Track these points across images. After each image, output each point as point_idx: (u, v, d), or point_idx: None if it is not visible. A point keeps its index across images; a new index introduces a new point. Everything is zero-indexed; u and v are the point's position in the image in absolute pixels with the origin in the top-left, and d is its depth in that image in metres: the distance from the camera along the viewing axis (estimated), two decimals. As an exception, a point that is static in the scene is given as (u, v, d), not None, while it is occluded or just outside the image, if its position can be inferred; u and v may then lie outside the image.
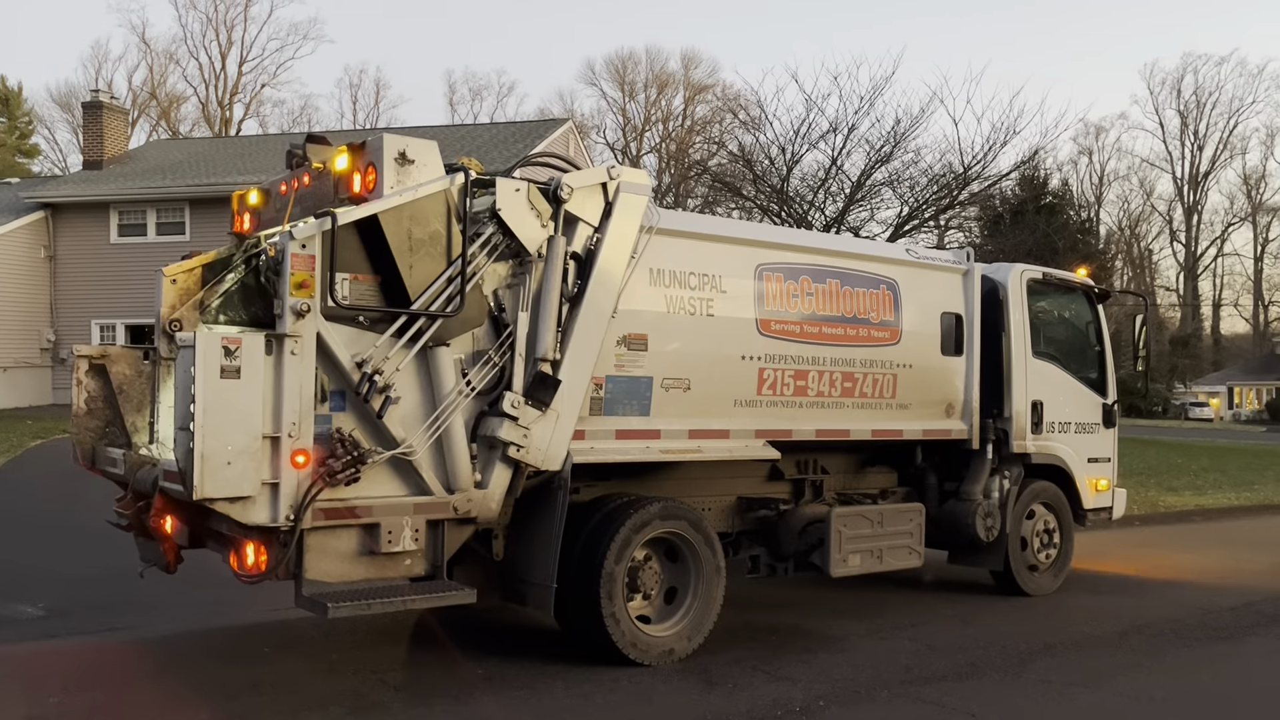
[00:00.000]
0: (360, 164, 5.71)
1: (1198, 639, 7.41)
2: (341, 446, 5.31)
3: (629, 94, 69.53)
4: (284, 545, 5.20)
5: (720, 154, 31.90)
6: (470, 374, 5.79)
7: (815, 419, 7.43)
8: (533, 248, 6.02)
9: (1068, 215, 38.34)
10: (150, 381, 6.73)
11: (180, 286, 6.61)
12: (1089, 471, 9.37)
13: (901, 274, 7.96)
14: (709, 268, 6.81)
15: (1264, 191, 78.29)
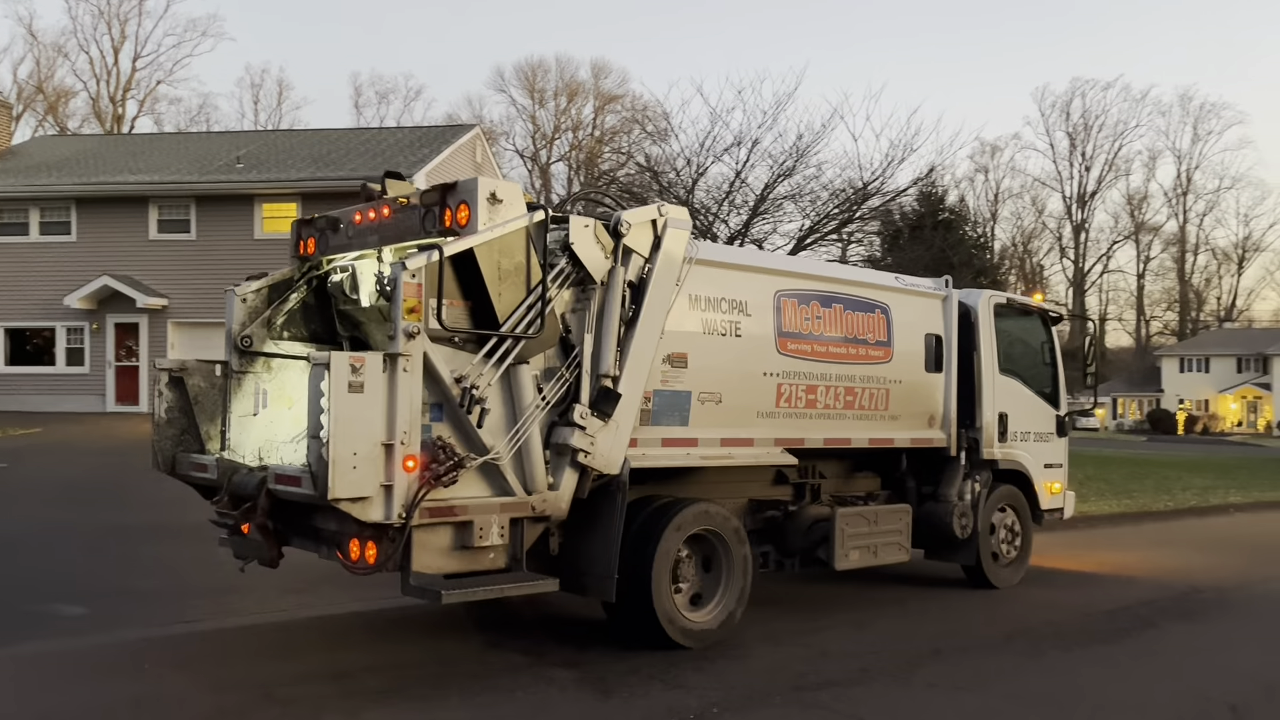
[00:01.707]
0: (453, 201, 6.34)
1: (1077, 642, 7.71)
2: (443, 452, 5.97)
3: (539, 101, 69.44)
4: (393, 541, 5.82)
5: (629, 164, 32.10)
6: (545, 389, 6.49)
7: (823, 429, 8.28)
8: (598, 276, 6.71)
9: (964, 231, 39.54)
10: (222, 393, 7.31)
11: (249, 305, 7.33)
12: (1045, 476, 10.47)
13: (893, 299, 8.91)
14: (737, 294, 7.60)
15: (1145, 212, 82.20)
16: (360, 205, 7.16)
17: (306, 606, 8.34)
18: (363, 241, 7.11)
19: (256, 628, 7.64)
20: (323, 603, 8.47)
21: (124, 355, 24.82)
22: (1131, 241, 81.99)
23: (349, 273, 7.40)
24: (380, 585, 9.19)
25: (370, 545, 5.88)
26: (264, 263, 25.92)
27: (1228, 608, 9.44)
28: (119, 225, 24.76)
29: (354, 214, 7.18)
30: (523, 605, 8.54)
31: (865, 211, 20.33)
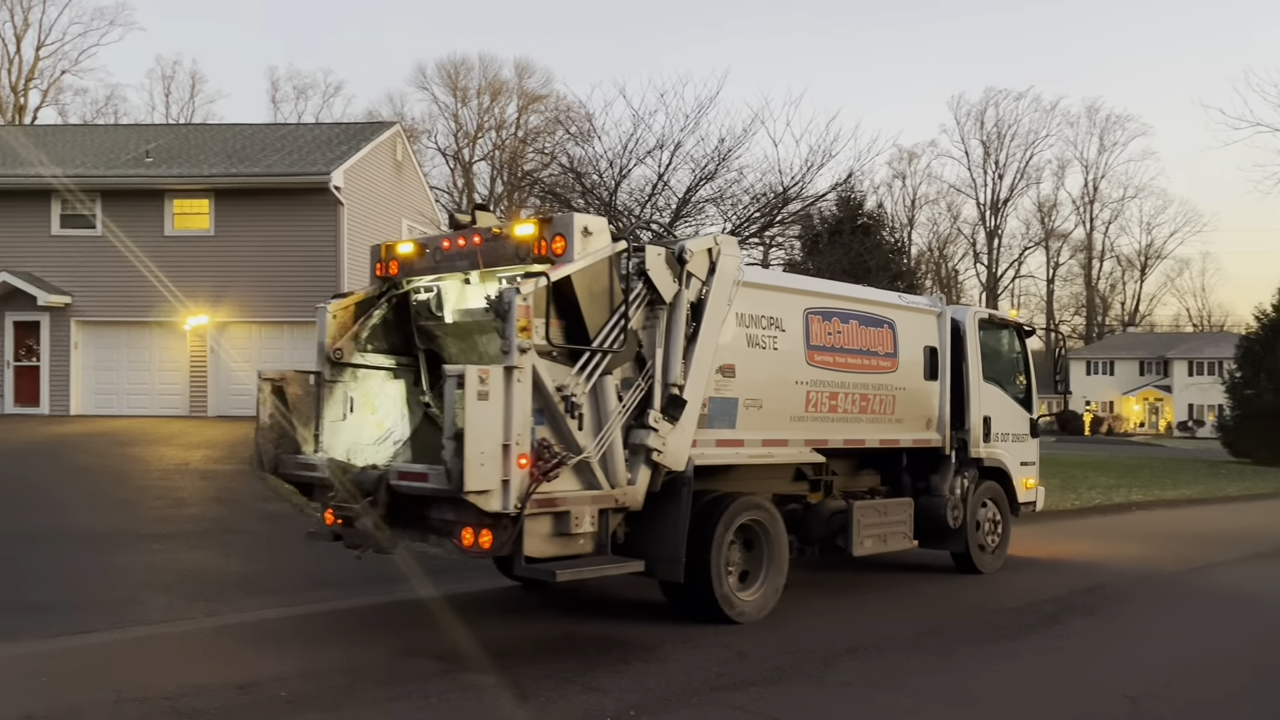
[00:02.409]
0: (548, 233, 7.22)
1: (985, 638, 7.90)
2: (547, 452, 6.80)
3: (461, 100, 68.70)
4: (508, 529, 6.63)
5: (553, 165, 31.98)
6: (624, 396, 7.39)
7: (843, 431, 9.34)
8: (666, 298, 7.63)
9: (881, 236, 40.24)
10: (315, 400, 8.13)
11: (339, 321, 8.19)
12: (1022, 473, 11.71)
13: (898, 315, 10.03)
14: (773, 311, 8.61)
15: (1055, 219, 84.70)
16: (448, 233, 8.14)
17: (213, 614, 8.11)
18: (450, 266, 8.03)
19: (160, 637, 7.42)
20: (230, 610, 8.25)
21: (24, 355, 23.84)
22: (1042, 248, 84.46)
23: (434, 293, 8.38)
24: (292, 590, 9.02)
25: (485, 533, 6.71)
26: (175, 260, 25.04)
27: (1130, 602, 9.76)
28: (19, 220, 23.80)
29: (442, 241, 8.09)
30: (439, 611, 8.45)
31: (786, 215, 20.57)
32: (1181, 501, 21.41)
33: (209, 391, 23.63)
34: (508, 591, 9.49)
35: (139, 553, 10.46)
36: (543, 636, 7.53)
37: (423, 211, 28.63)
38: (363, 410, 8.43)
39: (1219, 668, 7.20)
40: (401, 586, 9.47)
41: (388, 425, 8.61)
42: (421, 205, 29.29)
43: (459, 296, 8.34)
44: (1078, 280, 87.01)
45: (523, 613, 8.45)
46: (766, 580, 8.32)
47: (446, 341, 8.49)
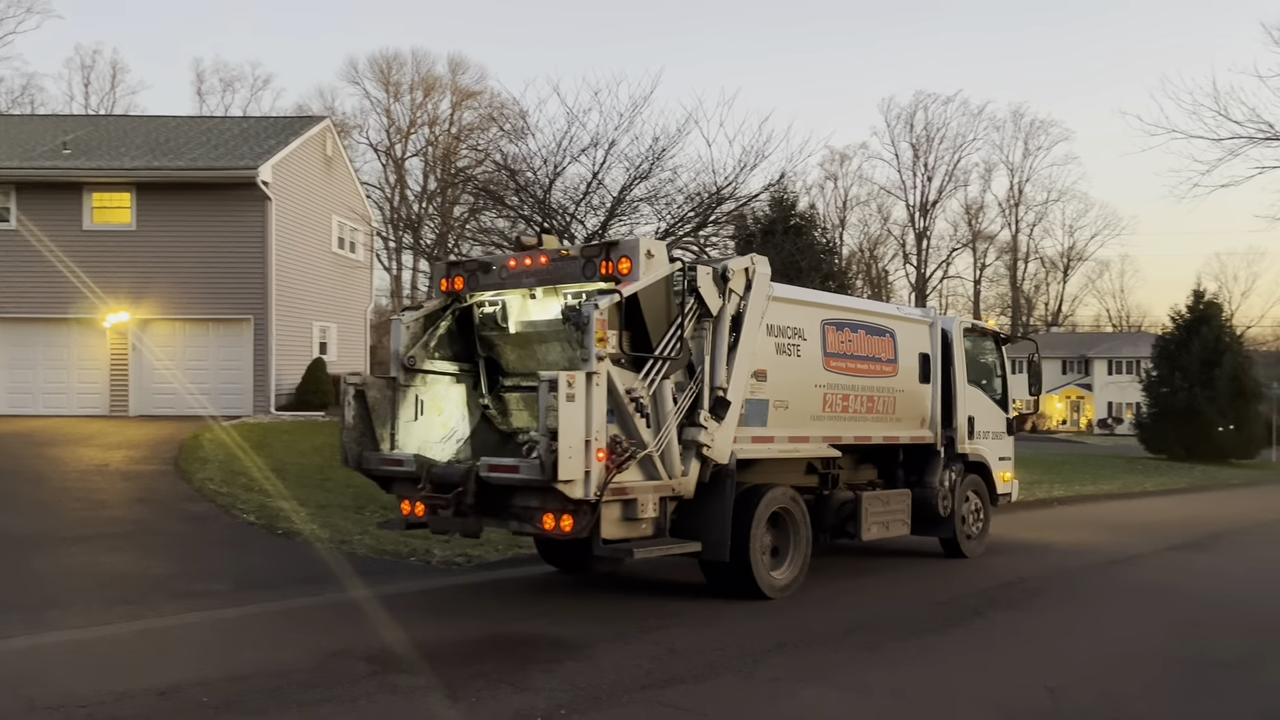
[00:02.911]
0: (615, 255, 8.17)
1: (911, 633, 8.05)
2: (620, 447, 7.74)
3: (394, 95, 67.79)
4: (588, 515, 7.61)
5: (487, 162, 31.73)
6: (679, 398, 8.31)
7: (853, 429, 10.43)
8: (714, 311, 8.59)
9: (813, 236, 40.72)
10: (391, 403, 9.01)
11: (411, 331, 9.12)
12: (1000, 467, 12.93)
13: (897, 325, 11.11)
14: (797, 323, 9.63)
15: (982, 221, 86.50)
16: (514, 253, 9.18)
17: (135, 618, 7.91)
18: (516, 283, 8.97)
19: (79, 642, 7.20)
20: (152, 613, 8.05)
21: (-67, 352, 22.96)
22: (969, 249, 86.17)
23: (499, 306, 9.23)
24: (216, 592, 8.83)
25: (566, 518, 7.66)
26: (94, 256, 24.37)
27: (1050, 595, 10.04)
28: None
29: (508, 260, 9.05)
30: (369, 612, 8.35)
31: (720, 215, 20.68)
32: (1101, 496, 22.07)
33: (130, 390, 23.01)
34: (439, 591, 9.42)
35: (57, 556, 10.15)
36: (474, 636, 7.49)
37: (353, 208, 28.23)
38: (431, 412, 9.36)
39: (1134, 658, 7.43)
40: (331, 587, 9.34)
41: (451, 425, 9.51)
42: (352, 201, 28.87)
43: (521, 309, 9.22)
44: (1003, 281, 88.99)
45: (454, 613, 8.39)
46: (793, 561, 9.38)
47: (505, 350, 9.43)
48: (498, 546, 11.70)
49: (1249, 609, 9.49)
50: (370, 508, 13.51)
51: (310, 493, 14.05)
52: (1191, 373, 38.14)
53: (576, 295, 8.59)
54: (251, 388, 23.30)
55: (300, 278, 25.23)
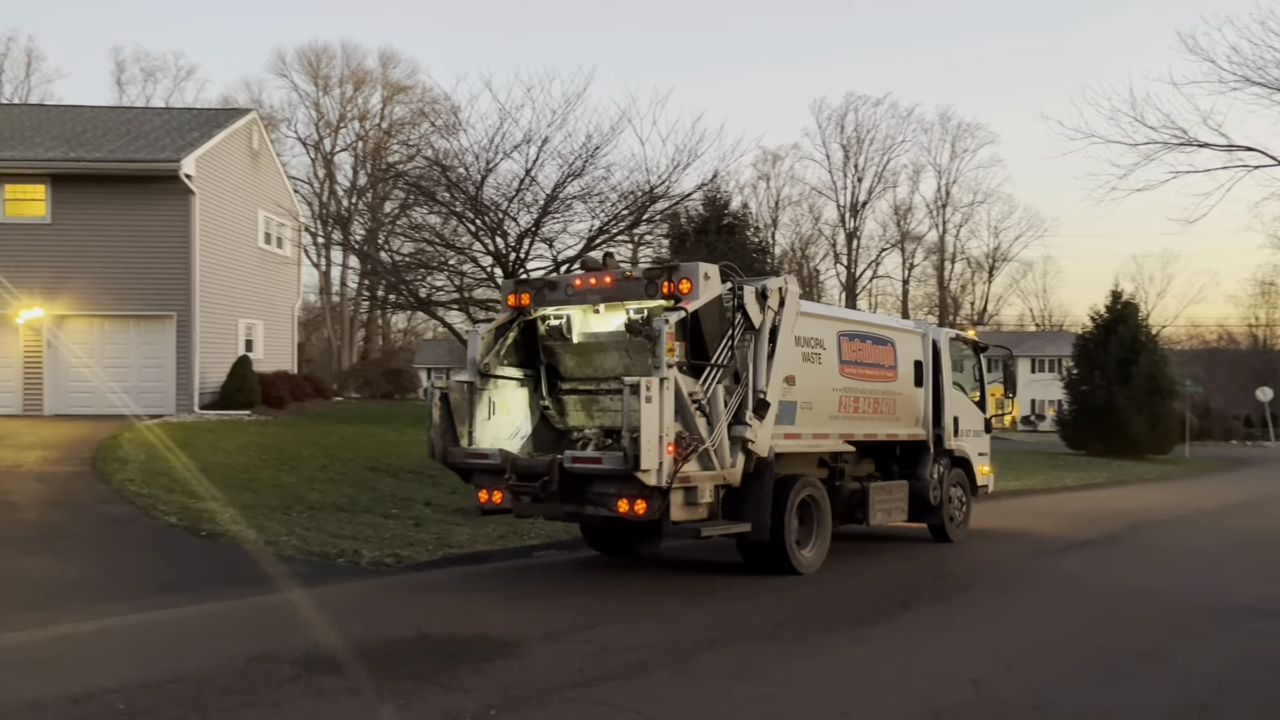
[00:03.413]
0: (676, 277, 9.45)
1: (840, 626, 8.16)
2: (685, 441, 8.90)
3: (323, 88, 66.59)
4: (658, 500, 8.82)
5: (418, 157, 31.34)
6: (728, 400, 9.52)
7: (863, 427, 11.75)
8: (756, 325, 9.85)
9: (746, 235, 41.03)
10: (469, 404, 10.25)
11: (485, 341, 10.44)
12: (979, 461, 14.45)
13: (896, 335, 12.58)
14: (817, 334, 10.96)
15: (910, 222, 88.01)
16: (579, 273, 10.55)
17: (47, 624, 7.64)
18: (581, 299, 10.30)
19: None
20: (66, 619, 7.79)
21: None
22: (898, 249, 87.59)
23: (564, 319, 10.53)
24: (135, 596, 8.58)
25: (640, 502, 8.85)
26: (6, 250, 23.51)
27: (976, 588, 10.26)
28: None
29: (574, 279, 10.42)
30: (294, 613, 8.20)
31: (653, 214, 20.68)
32: (1024, 492, 22.61)
33: (45, 389, 22.26)
34: (368, 592, 9.29)
35: (-37, 561, 9.76)
36: (403, 637, 7.39)
37: (280, 202, 27.66)
38: (500, 412, 10.61)
39: (1054, 649, 7.62)
40: (256, 589, 9.15)
41: (517, 424, 10.77)
42: (280, 196, 28.29)
43: (583, 322, 10.57)
44: (931, 281, 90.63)
45: (382, 614, 8.26)
46: (818, 541, 10.71)
47: (564, 357, 10.76)
48: (427, 547, 11.56)
49: (1162, 599, 9.80)
50: (298, 507, 13.26)
51: (236, 493, 13.74)
52: (1110, 371, 39.25)
53: (638, 311, 9.93)
54: (174, 386, 22.70)
55: (225, 273, 24.66)
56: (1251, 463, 40.41)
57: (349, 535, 11.89)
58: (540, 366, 10.84)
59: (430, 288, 20.69)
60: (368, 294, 25.13)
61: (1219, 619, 8.77)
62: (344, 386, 46.71)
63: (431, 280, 20.63)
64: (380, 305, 44.76)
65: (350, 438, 22.06)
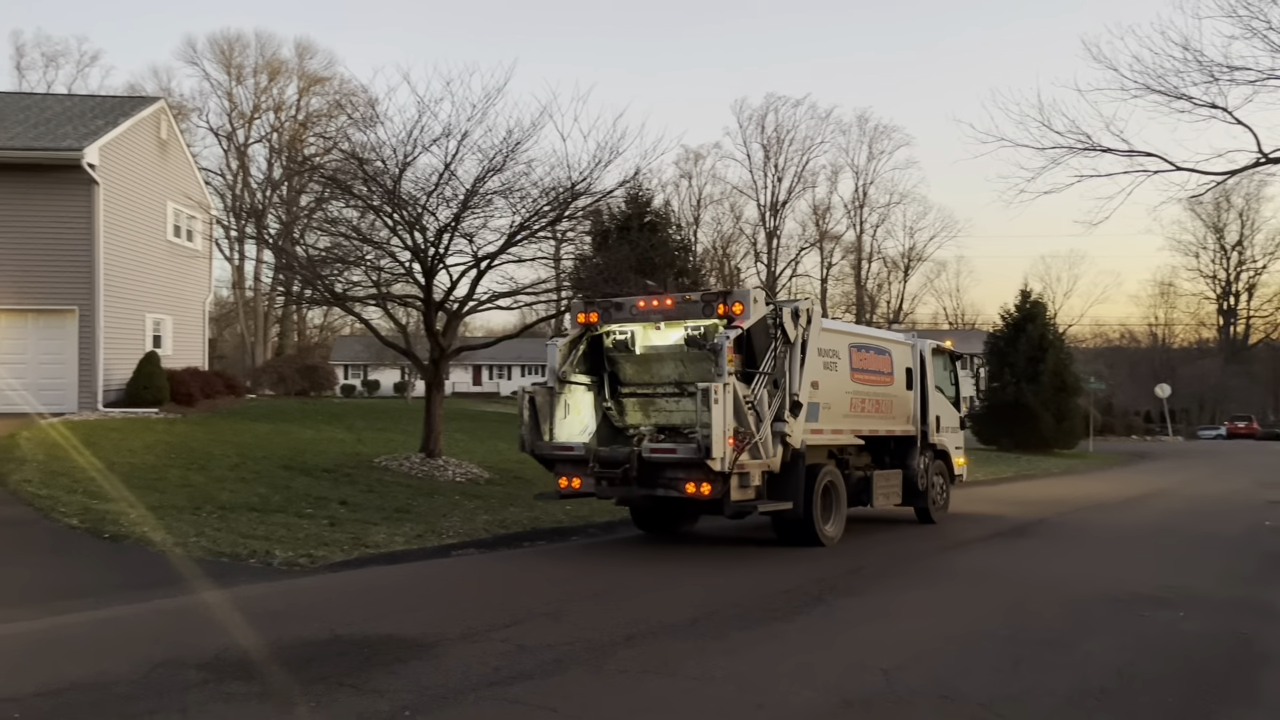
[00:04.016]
0: (730, 300, 11.64)
1: (756, 620, 8.25)
2: (741, 435, 10.82)
3: (236, 78, 64.97)
4: (721, 484, 10.81)
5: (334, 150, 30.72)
6: (770, 402, 11.49)
7: (868, 424, 13.94)
8: (792, 339, 11.86)
9: (668, 233, 41.22)
10: (550, 405, 12.33)
11: (562, 353, 12.44)
12: (956, 454, 16.76)
13: (892, 346, 14.99)
14: (834, 346, 13.16)
15: (829, 221, 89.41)
16: (643, 295, 12.96)
17: (-63, 633, 7.30)
18: (644, 318, 12.43)
19: None
20: (-42, 627, 7.45)
21: None
22: (817, 248, 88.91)
23: (628, 334, 12.72)
24: (33, 601, 8.26)
25: (705, 485, 10.89)
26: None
27: (889, 581, 10.46)
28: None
29: (638, 301, 12.58)
30: (202, 617, 7.99)
31: (575, 211, 20.62)
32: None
33: (-63, 386, 21.27)
34: (280, 593, 9.08)
35: None
36: (316, 639, 7.25)
37: (189, 194, 26.89)
38: (572, 412, 12.69)
39: (964, 639, 7.82)
40: (163, 592, 8.89)
41: (585, 422, 12.79)
42: (189, 187, 27.51)
43: (645, 337, 12.70)
44: (848, 280, 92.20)
45: (295, 615, 8.09)
46: (837, 519, 12.82)
47: (625, 366, 12.88)
48: (343, 547, 11.38)
49: (1065, 588, 10.13)
50: (207, 507, 12.92)
51: (142, 494, 13.32)
52: (1019, 368, 40.43)
53: (694, 328, 12.16)
54: (77, 383, 21.92)
55: (132, 267, 23.87)
56: (1150, 456, 42.01)
57: (261, 535, 11.63)
58: (604, 374, 12.93)
59: (347, 283, 20.32)
60: (282, 289, 24.60)
61: (1118, 607, 9.10)
62: (258, 383, 45.63)
63: (348, 275, 20.26)
64: (295, 301, 43.82)
65: (263, 436, 21.56)
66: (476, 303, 20.03)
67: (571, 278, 23.01)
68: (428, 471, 18.31)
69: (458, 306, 20.27)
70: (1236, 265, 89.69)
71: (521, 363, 74.56)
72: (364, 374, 69.45)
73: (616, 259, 21.76)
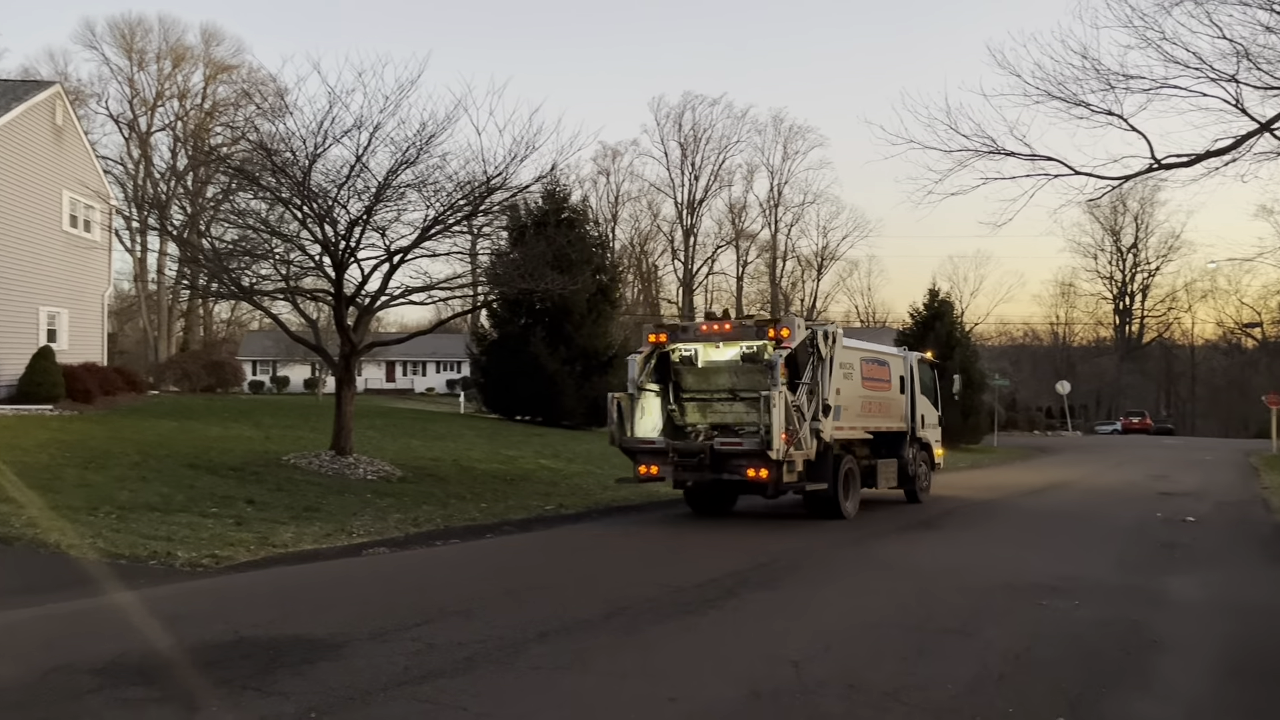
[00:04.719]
0: (778, 326, 14.69)
1: (669, 614, 8.30)
2: (790, 432, 13.69)
3: (138, 64, 62.70)
4: (774, 469, 13.86)
5: (242, 141, 29.95)
6: (809, 406, 14.38)
7: (873, 422, 17.03)
8: (824, 356, 14.88)
9: (585, 229, 41.15)
10: (631, 408, 15.44)
11: (639, 365, 15.59)
12: (936, 446, 20.07)
13: (890, 359, 18.14)
14: (850, 360, 16.10)
15: (745, 220, 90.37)
16: (705, 320, 16.07)
17: None
18: (706, 339, 15.55)
19: None
20: None
21: None
22: (733, 247, 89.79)
23: (693, 351, 15.84)
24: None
25: (763, 470, 13.93)
26: None
27: (799, 573, 10.63)
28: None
29: (701, 325, 15.73)
30: (101, 620, 7.73)
31: (491, 205, 20.44)
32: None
33: None
34: (182, 595, 8.82)
35: None
36: (219, 641, 7.05)
37: (86, 182, 25.89)
38: (646, 413, 15.81)
39: (870, 628, 7.99)
40: (58, 596, 8.57)
41: (654, 422, 15.92)
42: (86, 175, 26.49)
43: (705, 354, 15.88)
44: (764, 278, 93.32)
45: (197, 617, 7.86)
46: (854, 498, 15.96)
47: (687, 376, 16.04)
48: (249, 547, 11.10)
49: (969, 578, 10.43)
50: (105, 507, 12.48)
51: (35, 494, 12.79)
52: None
53: (749, 348, 15.28)
54: (-36, 379, 20.95)
55: (24, 258, 22.91)
56: (1051, 451, 43.49)
57: (163, 536, 11.29)
58: (669, 382, 16.08)
59: (255, 276, 19.83)
60: (187, 282, 23.81)
61: (1018, 596, 9.41)
62: (161, 380, 44.21)
63: (256, 269, 19.78)
64: (201, 295, 42.57)
65: (167, 434, 20.91)
66: (389, 298, 19.73)
67: (487, 273, 22.79)
68: (338, 469, 17.98)
69: (369, 301, 19.95)
70: (1132, 267, 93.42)
71: (437, 359, 73.57)
72: (273, 370, 67.81)
73: (533, 254, 21.64)
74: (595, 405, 40.03)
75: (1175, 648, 7.65)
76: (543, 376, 37.15)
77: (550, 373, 37.20)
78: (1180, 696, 6.41)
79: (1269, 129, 15.57)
